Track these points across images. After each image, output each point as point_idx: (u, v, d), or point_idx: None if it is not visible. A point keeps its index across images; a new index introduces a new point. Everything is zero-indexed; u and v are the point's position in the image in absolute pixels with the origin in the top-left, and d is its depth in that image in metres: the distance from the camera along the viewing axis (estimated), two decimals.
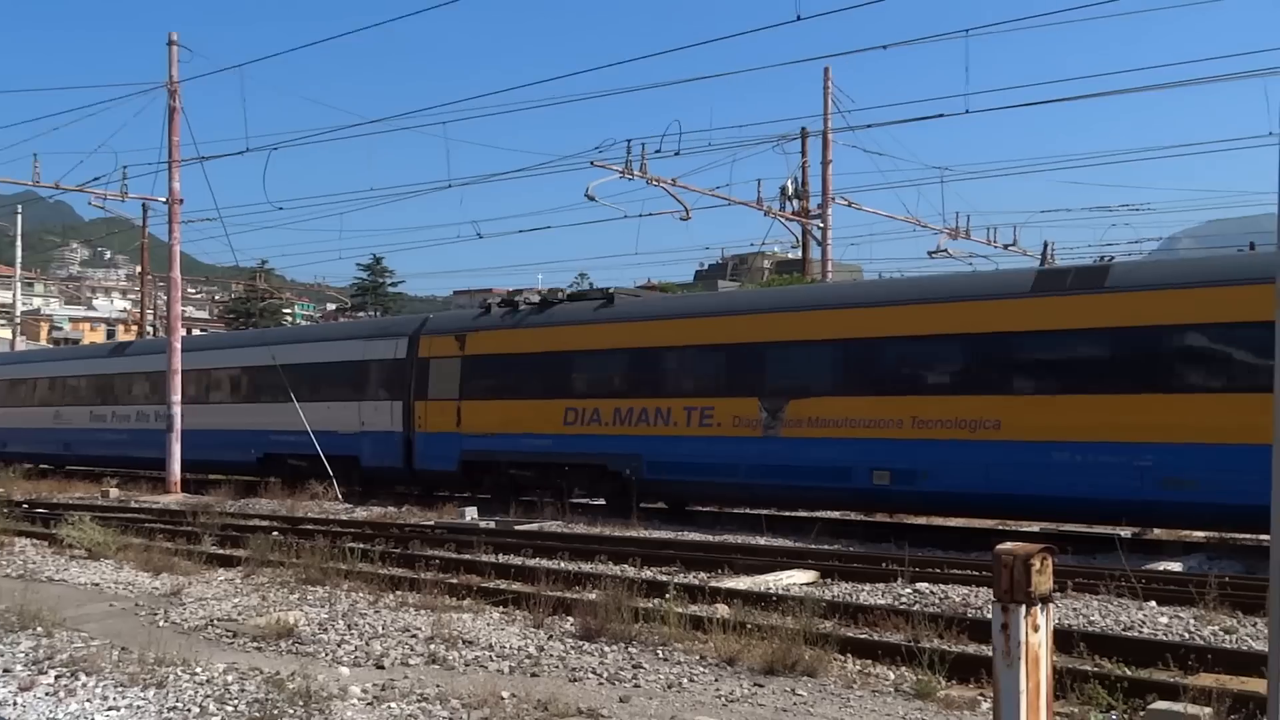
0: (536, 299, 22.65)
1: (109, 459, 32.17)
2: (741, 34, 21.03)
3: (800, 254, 33.79)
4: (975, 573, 12.27)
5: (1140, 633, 9.73)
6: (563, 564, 13.84)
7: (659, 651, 8.95)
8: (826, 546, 15.43)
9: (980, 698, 7.36)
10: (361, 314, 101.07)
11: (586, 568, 13.47)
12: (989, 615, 6.42)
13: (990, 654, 5.38)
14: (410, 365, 23.70)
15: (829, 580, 12.74)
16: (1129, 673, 7.86)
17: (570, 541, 15.84)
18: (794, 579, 12.70)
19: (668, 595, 10.29)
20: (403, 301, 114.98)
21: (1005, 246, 34.91)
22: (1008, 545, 5.21)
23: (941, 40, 22.44)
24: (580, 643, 9.30)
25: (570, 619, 10.11)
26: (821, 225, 30.65)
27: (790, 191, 30.49)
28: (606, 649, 9.05)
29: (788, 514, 19.58)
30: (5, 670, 8.57)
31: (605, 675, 8.23)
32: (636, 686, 7.92)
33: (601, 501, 20.70)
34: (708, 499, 20.78)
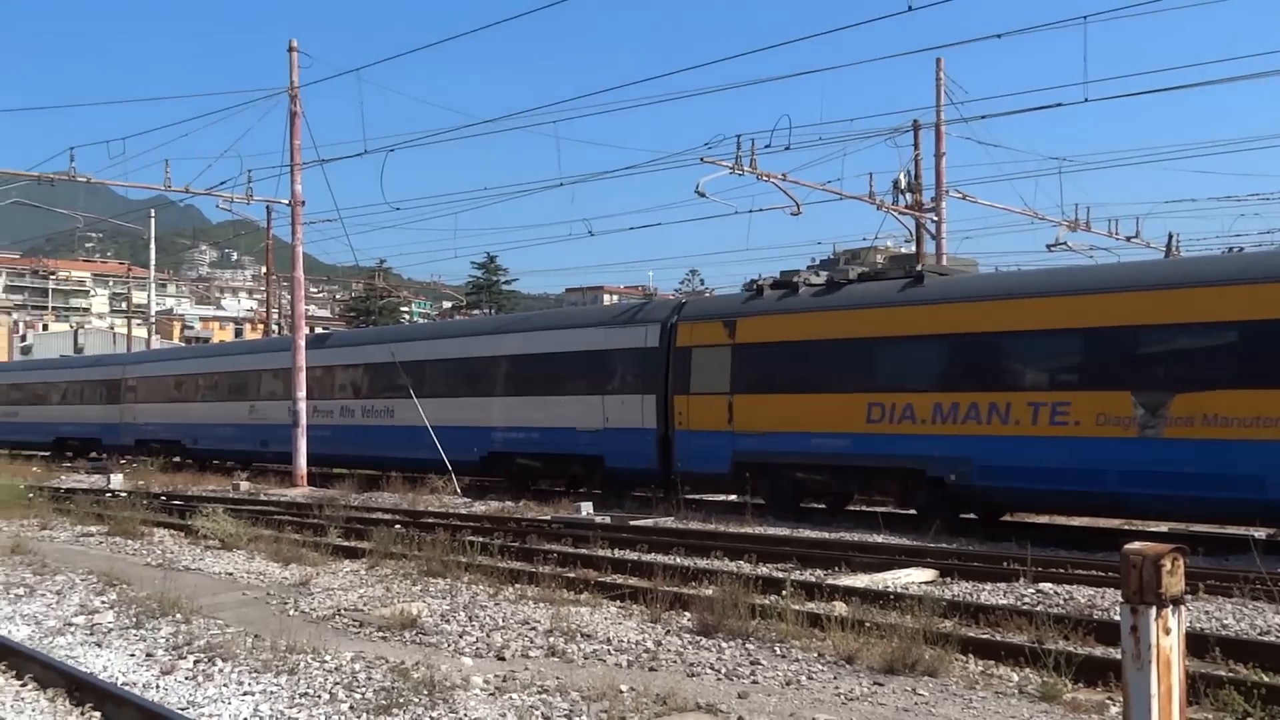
0: (820, 279, 20.03)
1: (312, 457, 29.41)
2: (852, 26, 20.62)
3: (914, 248, 33.30)
4: (1101, 573, 11.97)
5: (1277, 637, 9.39)
6: (678, 559, 13.89)
7: (776, 648, 8.93)
8: (945, 545, 15.19)
9: (1109, 701, 7.19)
10: (476, 312, 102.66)
11: (702, 563, 13.50)
12: (1117, 617, 6.27)
13: (1119, 657, 5.25)
14: (665, 355, 21.32)
15: (948, 579, 12.55)
16: (1266, 679, 7.59)
17: (685, 537, 15.87)
18: (912, 577, 12.55)
19: (784, 592, 10.27)
20: (516, 299, 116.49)
21: (1128, 238, 33.90)
22: (1136, 545, 5.07)
23: (1059, 28, 21.86)
24: (697, 638, 9.33)
25: (687, 614, 10.15)
26: (935, 219, 30.18)
27: (903, 185, 30.04)
28: (724, 645, 9.06)
29: (903, 512, 19.31)
30: (148, 655, 8.96)
31: (723, 671, 8.24)
32: (754, 683, 7.92)
33: (904, 511, 18.73)
34: (1059, 509, 18.23)
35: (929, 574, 12.76)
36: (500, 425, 24.50)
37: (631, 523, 17.88)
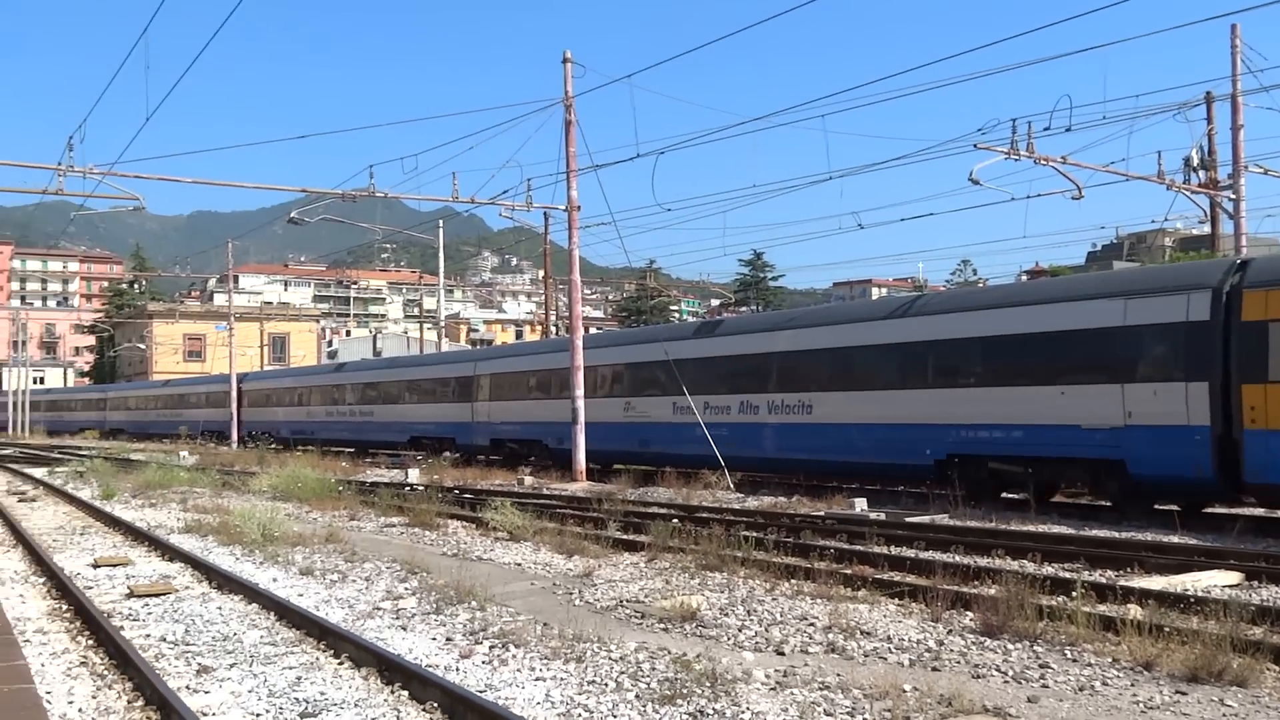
0: None
1: (697, 458, 26.16)
2: None
3: (1209, 229, 31.12)
4: None
5: None
6: (958, 558, 13.50)
7: (1067, 652, 8.53)
8: (1250, 547, 14.08)
9: None
10: (744, 309, 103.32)
11: (983, 562, 13.08)
12: None
13: None
14: (1222, 331, 16.95)
15: (1256, 583, 11.63)
16: None
17: (964, 535, 15.40)
18: (1214, 580, 11.71)
19: (1074, 593, 9.80)
20: (783, 295, 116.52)
21: None
22: None
23: None
24: (981, 639, 9.04)
25: (969, 614, 9.87)
26: (1233, 197, 28.02)
27: (1195, 162, 28.10)
28: (1010, 646, 8.74)
29: (1205, 510, 18.03)
30: (448, 639, 9.48)
31: (1010, 673, 7.95)
32: (1044, 687, 7.60)
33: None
34: None
35: (1233, 577, 11.88)
36: (965, 423, 20.49)
37: (908, 519, 17.51)
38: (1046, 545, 14.22)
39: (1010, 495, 19.97)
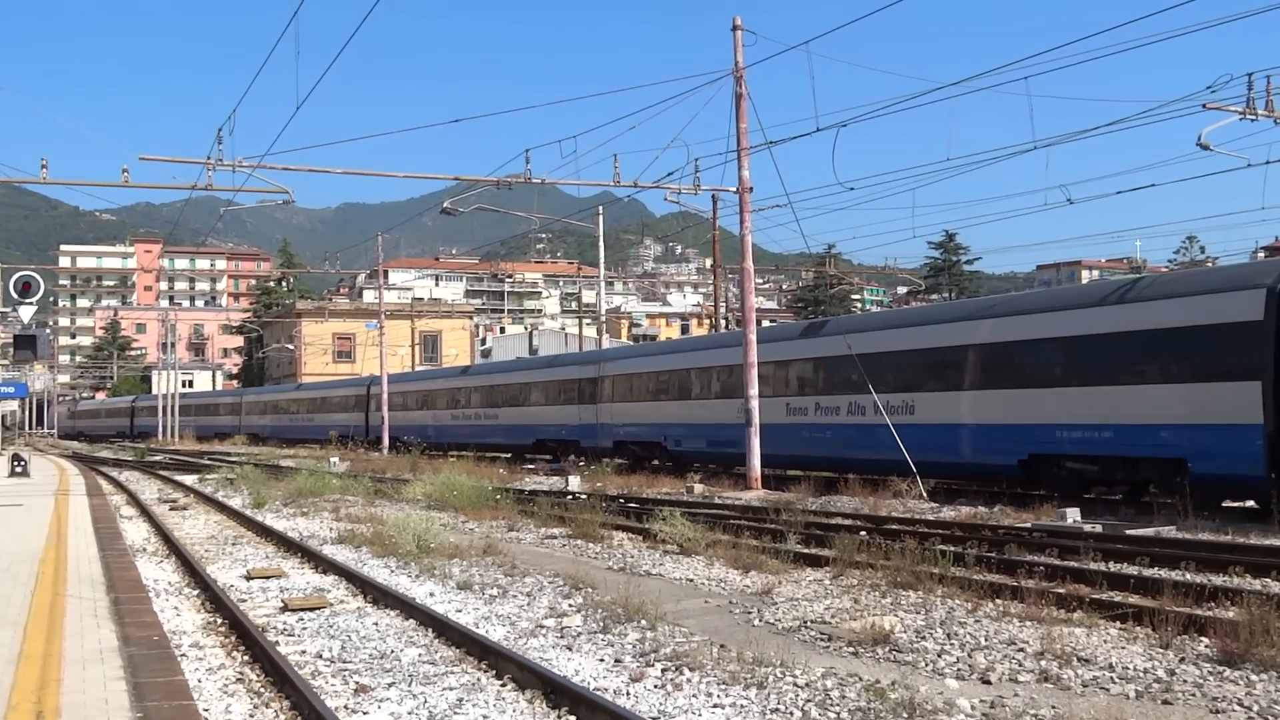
0: None
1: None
2: None
3: None
4: None
5: None
6: (1189, 576, 12.99)
7: None
8: None
9: None
10: (935, 296, 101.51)
11: (1218, 581, 12.55)
12: None
13: None
14: None
15: None
16: None
17: (1194, 550, 14.81)
18: None
19: None
20: (979, 280, 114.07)
21: None
22: None
23: None
24: (1219, 668, 8.70)
25: (1204, 640, 9.52)
26: None
27: None
28: (1254, 677, 8.38)
29: None
30: (616, 660, 9.61)
31: (1255, 708, 7.62)
32: None
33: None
34: None
35: None
36: None
37: (1128, 532, 16.92)
38: None
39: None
